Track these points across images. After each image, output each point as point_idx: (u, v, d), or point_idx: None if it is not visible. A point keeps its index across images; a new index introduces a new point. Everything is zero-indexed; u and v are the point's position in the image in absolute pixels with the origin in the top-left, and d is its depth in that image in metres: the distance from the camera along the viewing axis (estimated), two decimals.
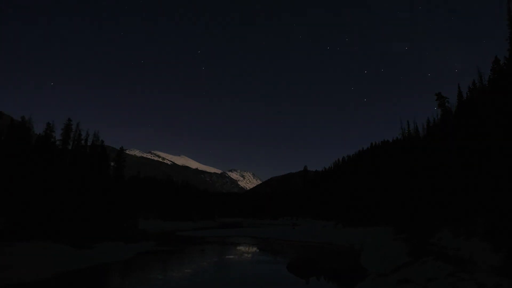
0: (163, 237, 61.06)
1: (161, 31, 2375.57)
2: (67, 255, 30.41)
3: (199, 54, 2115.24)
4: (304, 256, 42.53)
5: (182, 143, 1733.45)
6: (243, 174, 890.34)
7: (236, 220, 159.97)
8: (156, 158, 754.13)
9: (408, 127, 50.92)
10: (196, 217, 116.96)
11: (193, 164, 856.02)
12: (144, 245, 44.99)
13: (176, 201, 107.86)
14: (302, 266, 34.58)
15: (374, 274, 24.64)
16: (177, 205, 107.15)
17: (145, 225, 72.97)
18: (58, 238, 32.91)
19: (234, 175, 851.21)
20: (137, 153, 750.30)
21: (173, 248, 45.62)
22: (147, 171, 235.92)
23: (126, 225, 55.46)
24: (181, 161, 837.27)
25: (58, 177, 39.24)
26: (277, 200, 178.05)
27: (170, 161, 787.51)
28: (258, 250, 49.30)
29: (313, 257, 41.43)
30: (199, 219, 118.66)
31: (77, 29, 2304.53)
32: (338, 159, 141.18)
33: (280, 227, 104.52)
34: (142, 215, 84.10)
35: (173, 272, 30.58)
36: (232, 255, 43.11)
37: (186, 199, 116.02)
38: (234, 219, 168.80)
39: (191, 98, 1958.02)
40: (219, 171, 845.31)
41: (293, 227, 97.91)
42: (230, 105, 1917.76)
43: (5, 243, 27.66)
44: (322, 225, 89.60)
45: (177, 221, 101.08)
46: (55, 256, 28.81)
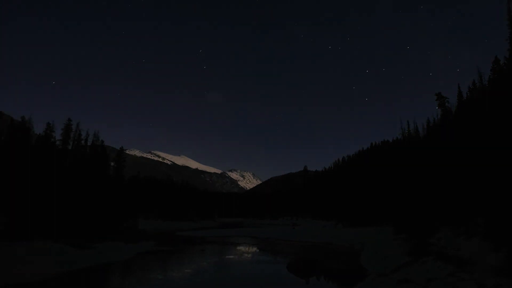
0: (163, 237, 61.06)
1: (161, 30, 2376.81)
2: (67, 255, 30.41)
3: (200, 54, 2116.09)
4: (304, 256, 42.54)
5: (182, 143, 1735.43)
6: (243, 174, 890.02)
7: (236, 220, 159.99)
8: (156, 158, 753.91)
9: (408, 127, 50.90)
10: (196, 217, 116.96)
11: (193, 164, 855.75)
12: (144, 245, 44.99)
13: (176, 201, 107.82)
14: (302, 266, 34.59)
15: (374, 274, 24.66)
16: (177, 205, 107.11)
17: (145, 225, 73.12)
18: (58, 238, 32.90)
19: (234, 175, 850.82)
20: (137, 153, 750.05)
21: (173, 248, 45.63)
22: (147, 171, 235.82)
23: (126, 225, 55.55)
24: (181, 161, 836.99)
25: (58, 177, 39.24)
26: (277, 200, 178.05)
27: (170, 161, 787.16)
28: (258, 250, 49.30)
29: (313, 257, 41.44)
30: (199, 219, 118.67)
31: (77, 29, 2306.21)
32: (338, 159, 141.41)
33: (280, 227, 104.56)
34: (142, 215, 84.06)
35: (173, 272, 30.60)
36: (232, 255, 43.12)
37: (186, 199, 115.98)
38: (234, 219, 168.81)
39: (191, 98, 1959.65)
40: (219, 171, 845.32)
41: (293, 227, 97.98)
42: (230, 105, 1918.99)
43: (5, 243, 27.64)
44: (322, 225, 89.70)
45: (177, 221, 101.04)
46: (55, 256, 28.80)
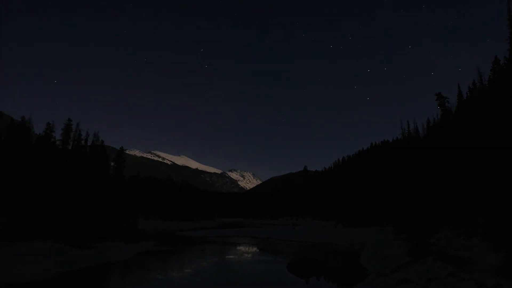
0: (163, 237, 61.04)
1: (162, 30, 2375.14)
2: (67, 255, 30.41)
3: (201, 53, 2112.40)
4: (304, 256, 42.51)
5: (182, 143, 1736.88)
6: (243, 174, 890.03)
7: (236, 220, 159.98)
8: (156, 158, 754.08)
9: (408, 127, 50.93)
10: (196, 217, 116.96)
11: (193, 164, 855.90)
12: (144, 245, 44.98)
13: (176, 201, 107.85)
14: (302, 266, 34.55)
15: (374, 274, 24.65)
16: (177, 205, 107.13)
17: (145, 225, 73.09)
18: (58, 238, 32.91)
19: (234, 175, 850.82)
20: (137, 153, 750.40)
21: (173, 248, 45.61)
22: (147, 171, 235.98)
23: (126, 225, 55.54)
24: (181, 161, 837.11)
25: (58, 177, 39.25)
26: (277, 200, 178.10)
27: (170, 161, 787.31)
28: (258, 250, 49.28)
29: (313, 257, 41.40)
30: (199, 219, 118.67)
31: (78, 28, 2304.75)
32: (338, 159, 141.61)
33: (280, 227, 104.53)
34: (142, 215, 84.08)
35: (173, 272, 30.59)
36: (232, 255, 43.10)
37: (186, 199, 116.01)
38: (234, 219, 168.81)
39: (191, 98, 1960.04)
40: (219, 171, 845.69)
41: (293, 227, 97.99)
42: (230, 105, 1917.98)
43: (5, 243, 27.64)
44: (322, 225, 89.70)
45: (177, 221, 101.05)
46: (55, 256, 28.80)
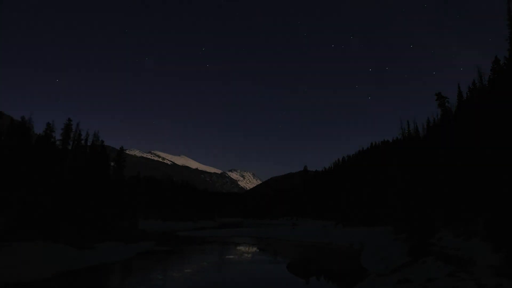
0: (163, 237, 61.05)
1: (163, 29, 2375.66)
2: (67, 255, 30.40)
3: (203, 52, 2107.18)
4: (304, 256, 42.56)
5: (182, 143, 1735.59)
6: (243, 174, 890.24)
7: (236, 220, 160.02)
8: (156, 158, 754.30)
9: (408, 127, 50.84)
10: (196, 217, 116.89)
11: (193, 164, 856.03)
12: (144, 245, 44.97)
13: (176, 201, 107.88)
14: (302, 266, 34.61)
15: (374, 274, 24.64)
16: (177, 205, 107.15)
17: (145, 225, 72.99)
18: (58, 238, 32.88)
19: (234, 175, 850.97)
20: (137, 153, 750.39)
21: (173, 248, 45.64)
22: (147, 171, 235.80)
23: (126, 225, 55.46)
24: (181, 161, 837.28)
25: (58, 177, 39.23)
26: (277, 200, 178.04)
27: (170, 161, 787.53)
28: (258, 250, 49.30)
29: (313, 257, 41.46)
30: (199, 219, 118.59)
31: (77, 28, 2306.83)
32: (338, 159, 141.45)
33: (280, 227, 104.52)
34: (142, 215, 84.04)
35: (173, 272, 30.59)
36: (232, 255, 43.12)
37: (186, 199, 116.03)
38: (234, 219, 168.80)
39: (191, 98, 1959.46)
40: (219, 171, 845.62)
41: (293, 227, 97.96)
42: (230, 105, 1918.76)
43: (5, 243, 27.62)
44: (322, 225, 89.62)
45: (177, 221, 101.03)
46: (55, 256, 28.79)
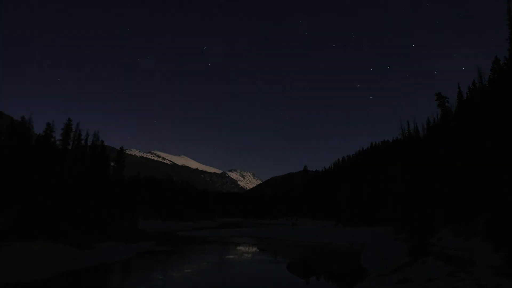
0: (163, 237, 61.05)
1: (163, 29, 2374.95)
2: (67, 255, 30.40)
3: (204, 51, 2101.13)
4: (304, 256, 42.57)
5: (182, 143, 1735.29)
6: (243, 174, 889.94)
7: (236, 220, 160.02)
8: (156, 158, 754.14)
9: (408, 127, 50.94)
10: (196, 217, 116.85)
11: (193, 164, 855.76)
12: (144, 245, 44.97)
13: (176, 201, 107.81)
14: (302, 266, 34.63)
15: (374, 274, 24.64)
16: (177, 205, 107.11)
17: (145, 225, 72.99)
18: (58, 238, 32.89)
19: (234, 175, 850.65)
20: (137, 153, 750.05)
21: (173, 248, 45.64)
22: (147, 171, 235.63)
23: (126, 225, 55.49)
24: (181, 161, 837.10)
25: (58, 177, 39.24)
26: (277, 200, 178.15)
27: (170, 161, 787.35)
28: (258, 250, 49.31)
29: (313, 257, 41.47)
30: (199, 219, 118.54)
31: (77, 28, 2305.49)
32: (338, 159, 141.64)
33: (280, 227, 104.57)
34: (142, 215, 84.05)
35: (173, 272, 30.60)
36: (232, 255, 43.12)
37: (186, 199, 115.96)
38: (234, 219, 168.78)
39: (191, 98, 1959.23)
40: (219, 171, 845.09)
41: (293, 227, 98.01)
42: (230, 105, 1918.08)
43: (5, 243, 27.62)
44: (322, 225, 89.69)
45: (177, 221, 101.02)
46: (55, 256, 28.79)
